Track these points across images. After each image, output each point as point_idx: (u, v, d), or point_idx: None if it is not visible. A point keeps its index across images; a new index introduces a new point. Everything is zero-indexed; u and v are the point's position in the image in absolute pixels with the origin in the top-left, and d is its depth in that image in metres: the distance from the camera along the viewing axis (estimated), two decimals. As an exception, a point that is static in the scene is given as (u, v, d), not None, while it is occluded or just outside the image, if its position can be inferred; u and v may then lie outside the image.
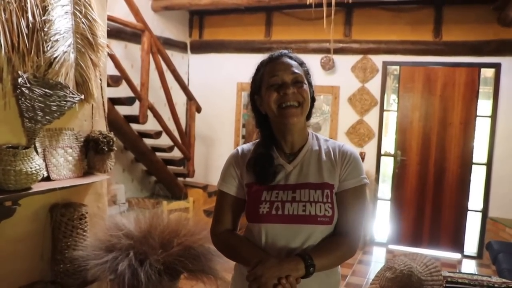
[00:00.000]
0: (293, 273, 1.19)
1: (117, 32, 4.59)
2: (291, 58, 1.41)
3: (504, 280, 2.53)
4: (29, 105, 2.12)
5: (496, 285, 2.45)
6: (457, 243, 5.12)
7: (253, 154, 1.44)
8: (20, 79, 2.08)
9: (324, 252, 1.29)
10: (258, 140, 1.48)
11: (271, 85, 1.37)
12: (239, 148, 1.50)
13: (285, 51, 1.44)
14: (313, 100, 1.43)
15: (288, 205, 1.33)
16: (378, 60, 5.36)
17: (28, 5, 2.07)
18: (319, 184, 1.36)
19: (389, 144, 5.65)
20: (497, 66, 4.94)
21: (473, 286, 2.43)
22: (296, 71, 1.37)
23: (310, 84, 1.42)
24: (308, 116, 1.44)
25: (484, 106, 5.17)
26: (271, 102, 1.35)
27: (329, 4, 3.50)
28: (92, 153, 2.58)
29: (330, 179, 1.37)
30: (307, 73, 1.42)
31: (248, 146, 1.49)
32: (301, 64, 1.42)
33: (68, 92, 2.24)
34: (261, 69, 1.44)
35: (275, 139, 1.43)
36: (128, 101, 4.33)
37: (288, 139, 1.41)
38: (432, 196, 5.18)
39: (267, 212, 1.33)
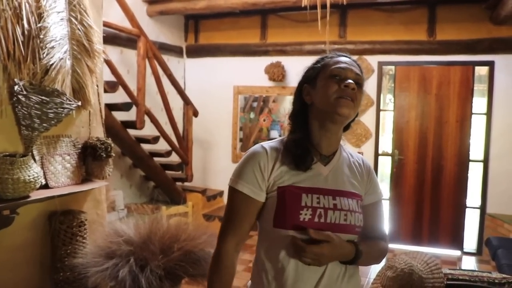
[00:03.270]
0: (344, 258, 1.26)
1: (113, 37, 4.59)
2: (355, 62, 1.37)
3: (504, 275, 2.54)
4: (25, 112, 2.12)
5: (496, 281, 2.45)
6: (457, 240, 5.13)
7: (291, 137, 1.34)
8: (16, 87, 2.08)
9: (370, 248, 1.34)
10: (282, 137, 1.38)
11: (333, 75, 1.29)
12: (265, 145, 1.33)
13: (348, 54, 1.40)
14: (356, 114, 1.35)
15: (330, 212, 1.25)
16: (373, 60, 5.38)
17: (24, 12, 2.07)
18: (353, 193, 1.33)
19: (386, 143, 5.67)
20: (490, 64, 4.97)
21: (473, 282, 2.43)
22: (359, 74, 1.32)
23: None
24: (346, 128, 1.38)
25: (479, 103, 5.19)
26: (330, 92, 1.26)
27: (323, 6, 3.52)
28: (90, 159, 2.58)
29: (359, 189, 1.36)
30: (363, 80, 1.36)
31: (275, 143, 1.35)
32: (362, 72, 1.36)
33: (65, 99, 2.24)
34: (324, 60, 1.35)
35: (310, 137, 1.33)
36: (125, 107, 4.33)
37: (328, 137, 1.32)
38: (431, 194, 5.19)
39: (309, 219, 1.23)
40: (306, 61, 1.43)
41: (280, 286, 1.26)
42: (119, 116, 4.38)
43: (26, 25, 2.09)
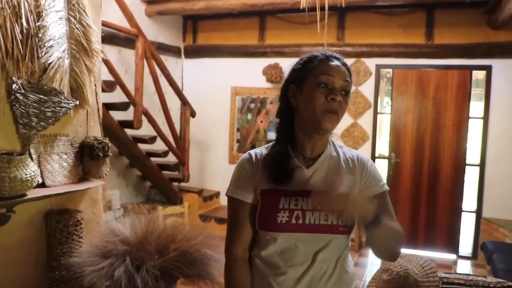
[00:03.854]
0: (366, 213, 1.20)
1: (111, 37, 4.59)
2: (344, 65, 1.33)
3: (499, 279, 2.55)
4: (23, 111, 2.12)
5: (491, 285, 2.46)
6: (452, 244, 5.14)
7: (270, 151, 1.36)
8: (14, 85, 2.07)
9: (391, 222, 1.30)
10: (271, 143, 1.40)
11: (320, 84, 1.27)
12: (252, 152, 1.40)
13: (339, 55, 1.35)
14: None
15: (309, 214, 1.27)
16: (371, 63, 5.40)
17: (22, 11, 2.07)
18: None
19: (383, 146, 5.68)
20: (488, 68, 4.99)
21: (468, 286, 2.45)
22: (347, 79, 1.30)
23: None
24: None
25: (476, 107, 5.21)
26: (316, 104, 1.26)
27: (322, 8, 3.52)
28: (87, 158, 2.57)
29: (349, 188, 1.29)
30: (351, 86, 1.35)
31: (260, 150, 1.40)
32: (351, 74, 1.34)
33: (62, 98, 2.23)
34: (312, 62, 1.32)
35: (295, 139, 1.35)
36: (122, 106, 4.33)
37: (312, 142, 1.34)
38: (427, 198, 5.20)
39: (286, 221, 1.26)
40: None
41: (265, 281, 1.32)
42: (117, 115, 4.38)
43: (25, 24, 2.09)
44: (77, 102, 2.37)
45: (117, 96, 4.30)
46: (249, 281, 1.36)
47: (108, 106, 4.17)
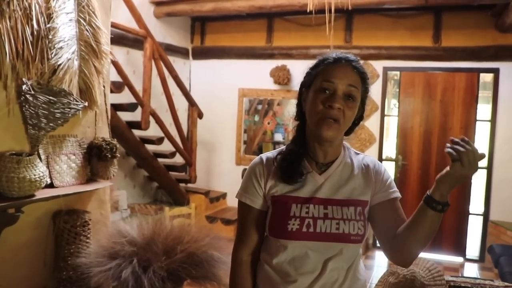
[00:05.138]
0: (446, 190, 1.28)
1: (119, 38, 4.61)
2: (355, 68, 1.26)
3: (506, 283, 2.53)
4: (33, 112, 2.14)
5: (499, 290, 2.45)
6: (459, 247, 5.12)
7: (284, 151, 1.35)
8: (24, 86, 2.10)
9: None
10: (283, 147, 1.38)
11: (321, 89, 1.24)
12: (263, 156, 1.37)
13: (354, 57, 1.28)
14: (361, 118, 1.33)
15: (320, 222, 1.24)
16: (378, 65, 5.38)
17: (33, 13, 2.09)
18: (352, 200, 1.28)
19: (390, 148, 5.66)
20: (495, 71, 4.96)
21: (476, 290, 2.43)
22: (353, 84, 1.25)
23: (363, 102, 1.32)
24: (349, 132, 1.35)
25: (483, 110, 5.18)
26: (315, 112, 1.23)
27: (329, 11, 3.52)
28: (95, 159, 2.59)
29: (363, 195, 1.30)
30: (365, 91, 1.30)
31: (272, 153, 1.38)
32: (364, 79, 1.29)
33: (71, 99, 2.25)
34: (320, 65, 1.28)
35: (308, 145, 1.33)
36: (130, 107, 4.35)
37: (323, 149, 1.30)
38: (434, 201, 5.16)
39: (297, 229, 1.24)
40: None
41: (274, 287, 1.31)
42: (124, 116, 4.40)
43: (35, 26, 2.11)
44: (86, 103, 2.38)
45: (125, 97, 4.32)
46: (250, 286, 1.37)
47: (116, 107, 4.19)
